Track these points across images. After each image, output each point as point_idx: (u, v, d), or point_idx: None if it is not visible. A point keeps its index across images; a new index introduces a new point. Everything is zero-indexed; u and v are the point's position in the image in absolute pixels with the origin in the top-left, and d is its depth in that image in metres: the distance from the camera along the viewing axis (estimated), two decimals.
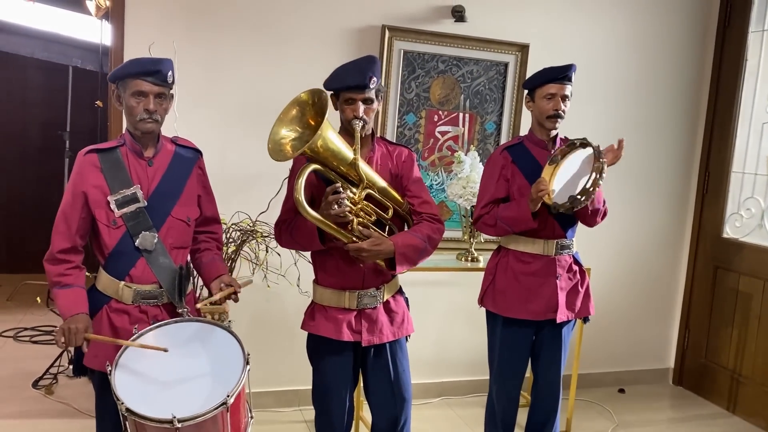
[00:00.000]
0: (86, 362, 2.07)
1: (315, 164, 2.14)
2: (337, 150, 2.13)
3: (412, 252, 2.29)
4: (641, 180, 4.19)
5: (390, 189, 2.33)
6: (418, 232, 2.33)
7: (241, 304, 3.41)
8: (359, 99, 2.23)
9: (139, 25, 3.15)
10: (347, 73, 2.29)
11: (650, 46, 4.09)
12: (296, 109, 2.17)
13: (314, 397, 2.46)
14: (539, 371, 2.84)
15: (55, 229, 2.05)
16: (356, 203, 2.20)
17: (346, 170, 2.19)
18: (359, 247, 2.19)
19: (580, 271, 2.82)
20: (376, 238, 2.22)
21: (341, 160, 2.15)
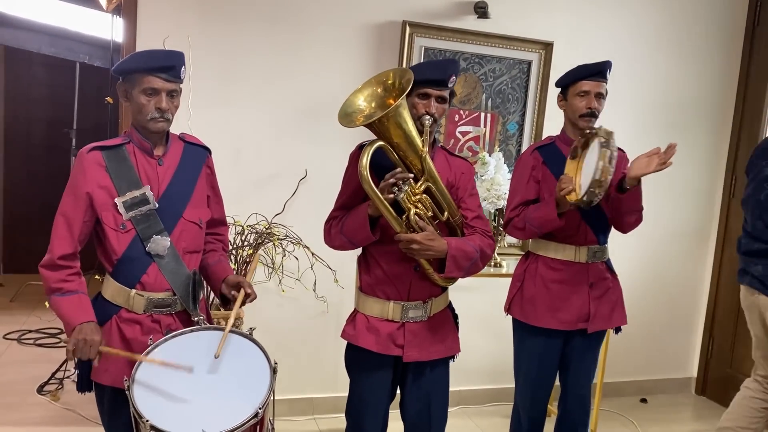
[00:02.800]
0: (95, 377, 1.92)
1: (382, 143, 2.04)
2: (408, 132, 2.05)
3: (464, 259, 2.16)
4: (666, 183, 4.05)
5: (448, 194, 2.22)
6: (471, 242, 2.21)
7: (253, 310, 3.32)
8: (434, 95, 2.15)
9: (153, 19, 3.03)
10: (429, 67, 2.25)
11: (677, 45, 3.96)
12: (378, 87, 2.11)
13: (348, 409, 2.33)
14: (568, 383, 2.71)
15: (56, 233, 1.89)
16: (416, 193, 2.10)
17: (410, 159, 2.10)
18: (412, 238, 2.06)
19: (613, 279, 2.70)
20: (431, 233, 2.11)
21: (409, 145, 2.07)
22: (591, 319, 2.58)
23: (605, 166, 2.30)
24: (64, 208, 1.90)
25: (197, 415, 1.71)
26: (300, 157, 3.32)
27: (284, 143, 3.31)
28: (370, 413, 2.27)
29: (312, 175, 3.33)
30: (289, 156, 3.32)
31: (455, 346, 2.36)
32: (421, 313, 2.23)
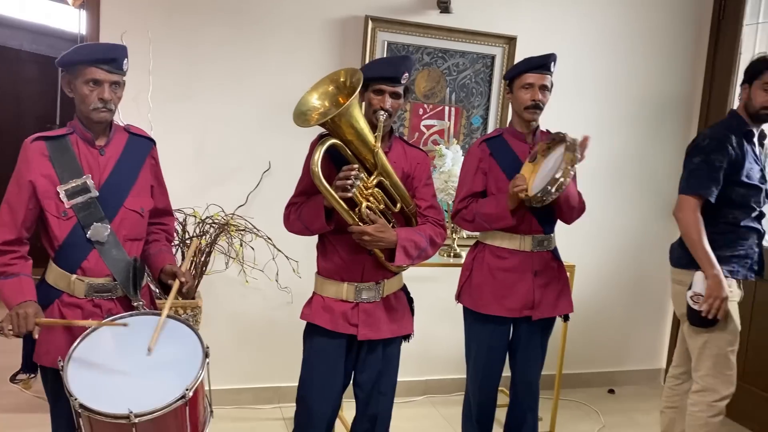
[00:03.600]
0: (36, 359, 2.00)
1: (335, 140, 2.14)
2: (359, 130, 2.14)
3: (413, 248, 2.27)
4: (633, 176, 4.11)
5: (401, 186, 2.32)
6: (421, 231, 2.32)
7: (218, 300, 3.40)
8: (388, 91, 2.25)
9: (115, 13, 3.10)
10: (382, 64, 2.36)
11: (643, 39, 4.00)
12: (330, 85, 2.19)
13: (299, 387, 2.40)
14: (516, 369, 2.77)
15: (0, 220, 1.96)
16: (368, 188, 2.20)
17: (364, 154, 2.20)
18: (363, 230, 2.17)
19: (560, 267, 2.75)
20: (382, 225, 2.21)
21: (361, 142, 2.16)
22: (536, 306, 2.64)
23: (567, 169, 2.39)
24: (8, 196, 1.98)
25: (127, 395, 1.77)
26: (264, 150, 3.39)
27: (248, 136, 3.37)
28: (319, 392, 2.34)
29: (275, 168, 3.40)
30: (253, 149, 3.38)
31: (408, 326, 2.46)
32: (374, 294, 2.33)
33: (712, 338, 2.74)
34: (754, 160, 2.77)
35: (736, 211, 2.74)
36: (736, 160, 2.70)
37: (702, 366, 2.79)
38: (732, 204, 2.74)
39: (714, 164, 2.69)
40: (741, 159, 2.71)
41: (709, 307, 2.64)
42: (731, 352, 2.75)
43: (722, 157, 2.69)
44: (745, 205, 2.75)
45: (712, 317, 2.65)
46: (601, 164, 3.97)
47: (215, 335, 3.41)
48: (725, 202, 2.73)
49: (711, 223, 2.74)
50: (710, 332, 2.73)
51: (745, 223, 2.75)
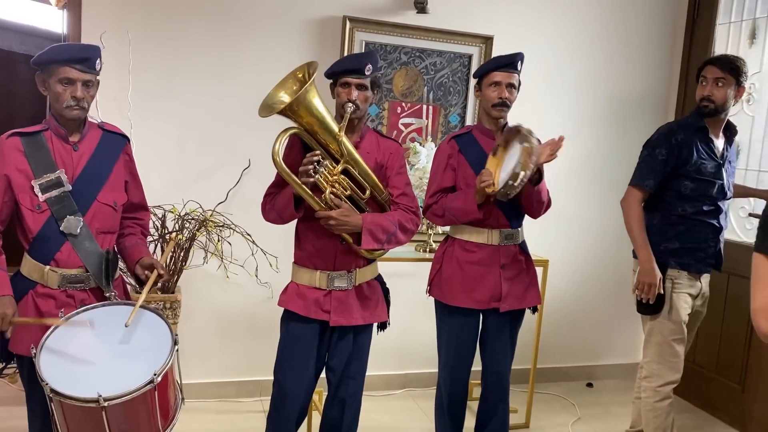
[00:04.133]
0: (12, 348, 2.07)
1: (297, 129, 2.25)
2: (321, 117, 2.25)
3: (380, 232, 2.36)
4: (609, 173, 4.17)
5: (371, 174, 2.41)
6: (390, 216, 2.42)
7: (200, 295, 3.47)
8: (354, 83, 2.35)
9: (95, 14, 3.17)
10: (346, 59, 2.48)
11: (619, 38, 4.07)
12: (291, 80, 2.30)
13: (274, 370, 2.49)
14: (486, 361, 2.84)
15: None
16: (333, 174, 2.30)
17: (329, 143, 2.30)
18: (328, 215, 2.28)
19: (527, 260, 2.82)
20: (346, 209, 2.31)
21: (325, 130, 2.27)
22: (503, 298, 2.71)
23: (525, 161, 2.45)
24: None
25: (97, 381, 1.83)
26: (244, 147, 3.45)
27: (228, 134, 3.44)
28: (292, 374, 2.43)
29: (255, 166, 3.46)
30: (233, 147, 3.45)
31: (382, 314, 2.56)
32: (347, 282, 2.43)
33: (656, 326, 2.88)
34: (708, 155, 2.83)
35: (687, 204, 2.83)
36: (680, 153, 2.80)
37: (648, 353, 2.94)
38: (682, 197, 2.83)
39: (657, 157, 2.82)
40: (688, 153, 2.80)
41: (639, 291, 2.80)
42: (675, 341, 2.86)
43: (665, 150, 2.81)
44: (695, 199, 2.82)
45: (645, 301, 2.79)
46: (578, 161, 4.05)
47: (197, 329, 3.50)
48: (676, 195, 2.84)
49: (664, 215, 2.87)
50: (654, 320, 2.86)
51: (697, 216, 2.83)
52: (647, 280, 2.79)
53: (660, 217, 2.89)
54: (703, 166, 2.80)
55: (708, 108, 2.80)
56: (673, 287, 2.85)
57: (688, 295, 2.87)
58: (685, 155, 2.80)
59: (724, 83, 2.76)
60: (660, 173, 2.82)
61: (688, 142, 2.81)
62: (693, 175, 2.80)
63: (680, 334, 2.86)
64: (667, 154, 2.81)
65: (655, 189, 2.85)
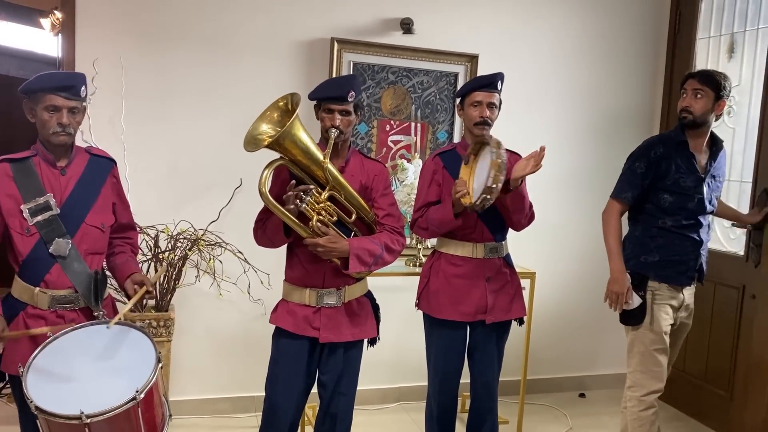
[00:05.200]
0: (4, 368, 2.13)
1: (283, 160, 2.32)
2: (305, 147, 2.31)
3: (367, 255, 2.41)
4: (594, 187, 4.23)
5: (357, 197, 2.47)
6: (376, 239, 2.47)
7: (194, 313, 3.54)
8: (337, 110, 2.41)
9: (89, 40, 3.25)
10: (329, 85, 2.52)
11: (602, 54, 4.17)
12: (274, 111, 2.37)
13: (265, 384, 2.54)
14: (475, 372, 2.89)
15: None
16: (319, 202, 2.35)
17: (315, 171, 2.36)
18: (315, 242, 2.34)
19: (512, 273, 2.88)
20: (333, 236, 2.37)
21: (311, 159, 2.33)
22: (489, 310, 2.77)
23: (496, 174, 2.52)
24: None
25: (81, 398, 1.88)
26: (235, 167, 3.52)
27: (220, 155, 3.52)
28: (283, 389, 2.48)
29: (247, 185, 3.53)
30: (225, 166, 3.53)
31: (371, 330, 2.61)
32: (336, 299, 2.49)
33: (638, 336, 2.92)
34: (688, 169, 2.86)
35: (667, 217, 2.88)
36: (659, 167, 2.85)
37: (631, 363, 2.97)
38: (662, 210, 2.88)
39: (636, 171, 2.88)
40: (666, 167, 2.85)
41: (609, 300, 2.89)
42: (657, 351, 2.89)
43: (642, 164, 2.87)
44: (675, 213, 2.87)
45: (614, 309, 2.89)
46: (563, 175, 4.13)
47: (191, 346, 3.56)
48: (656, 208, 2.90)
49: (644, 227, 2.93)
50: (636, 330, 2.91)
51: (677, 230, 2.87)
52: (614, 289, 2.87)
53: (641, 229, 2.94)
54: (682, 180, 2.84)
55: (687, 119, 2.84)
56: (654, 299, 2.89)
57: (669, 307, 2.91)
58: (663, 168, 2.85)
59: (703, 95, 2.80)
60: (638, 186, 2.88)
61: (667, 156, 2.85)
62: (671, 188, 2.85)
63: (661, 344, 2.90)
64: (645, 167, 2.87)
65: (633, 201, 2.90)
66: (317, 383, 2.58)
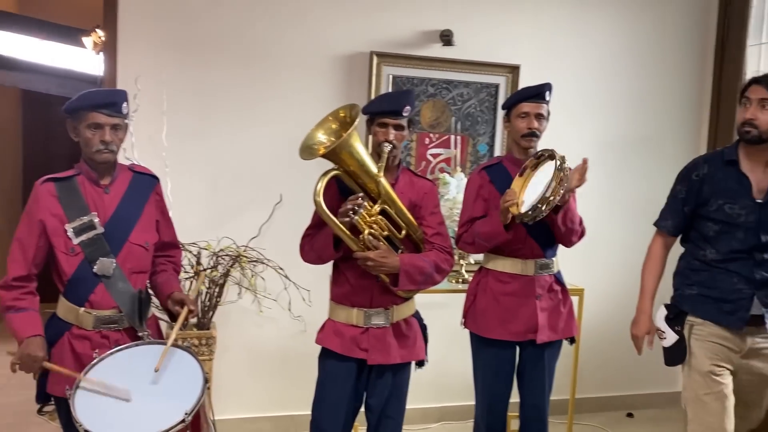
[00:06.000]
0: (49, 389, 2.11)
1: (338, 171, 2.27)
2: (361, 160, 2.27)
3: (417, 273, 2.35)
4: (641, 199, 4.12)
5: (407, 213, 2.41)
6: (426, 257, 2.40)
7: (234, 330, 3.49)
8: (391, 124, 2.37)
9: (130, 58, 3.27)
10: (384, 100, 2.53)
11: (647, 61, 4.06)
12: (333, 122, 2.33)
13: (312, 407, 2.48)
14: (524, 393, 2.79)
15: (11, 256, 2.08)
16: (371, 215, 2.30)
17: (367, 184, 2.31)
18: (366, 256, 2.28)
19: (563, 291, 2.78)
20: (384, 251, 2.31)
21: (365, 172, 2.29)
22: (539, 329, 2.67)
23: (556, 187, 2.44)
24: (19, 234, 2.10)
25: (130, 421, 1.86)
26: (275, 183, 3.50)
27: (259, 170, 3.49)
28: (329, 413, 2.41)
29: (287, 200, 3.50)
30: (265, 182, 3.50)
31: (420, 352, 2.52)
32: (384, 320, 2.41)
33: (686, 380, 2.52)
34: (737, 194, 2.42)
35: (709, 248, 2.48)
36: (701, 191, 2.48)
37: (687, 412, 2.51)
38: (706, 240, 2.49)
39: (677, 196, 2.58)
40: (709, 191, 2.46)
41: None
42: (708, 396, 2.40)
43: (683, 188, 2.55)
44: (719, 244, 2.45)
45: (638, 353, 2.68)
46: (608, 189, 4.02)
47: (232, 365, 3.51)
48: (700, 237, 2.53)
49: (688, 259, 2.60)
50: (684, 372, 2.54)
51: (721, 264, 2.45)
52: (632, 331, 2.68)
53: (686, 259, 2.61)
54: (728, 207, 2.42)
55: (750, 134, 2.36)
56: (692, 332, 2.49)
57: (718, 346, 2.43)
58: (706, 193, 2.46)
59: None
60: (679, 213, 2.56)
61: (711, 178, 2.46)
62: (715, 216, 2.44)
63: (710, 388, 2.40)
64: (686, 191, 2.53)
65: (676, 231, 2.60)
66: (364, 406, 2.50)
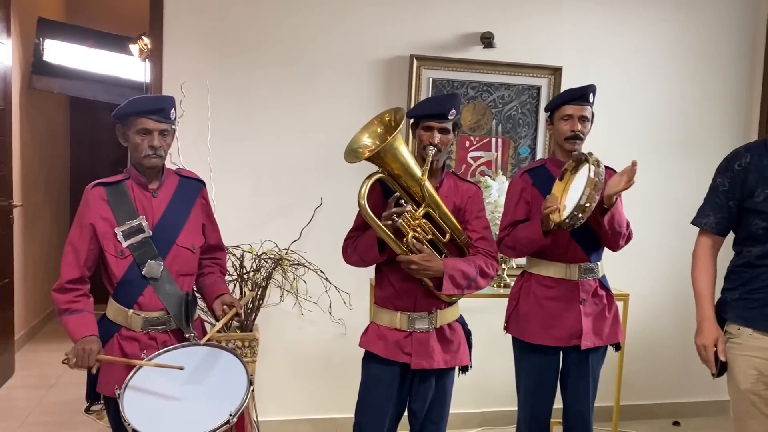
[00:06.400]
0: (99, 389, 2.16)
1: (382, 174, 2.27)
2: (405, 163, 2.27)
3: (461, 277, 2.32)
4: (688, 202, 4.00)
5: (451, 217, 2.39)
6: (471, 262, 2.38)
7: (276, 333, 3.53)
8: (436, 127, 2.35)
9: (176, 64, 3.33)
10: (429, 103, 2.48)
11: (695, 63, 3.96)
12: (378, 125, 2.33)
13: (355, 412, 2.47)
14: (567, 400, 2.75)
15: (64, 260, 2.14)
16: (415, 219, 2.29)
17: (412, 187, 2.31)
18: (410, 259, 2.26)
19: (608, 296, 2.73)
20: (428, 254, 2.30)
21: (409, 175, 2.28)
22: (584, 335, 2.63)
23: (591, 193, 2.40)
24: (71, 238, 2.15)
25: (176, 421, 1.89)
26: (316, 187, 3.52)
27: (300, 174, 3.52)
28: (372, 416, 2.41)
29: (327, 204, 3.52)
30: (306, 186, 3.52)
31: (464, 358, 2.50)
32: (427, 324, 2.39)
33: (731, 397, 2.30)
34: None
35: (756, 247, 2.22)
36: (746, 181, 2.22)
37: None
38: (752, 237, 2.23)
39: (717, 188, 2.30)
40: (754, 181, 2.20)
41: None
42: (746, 415, 2.20)
43: (725, 179, 2.27)
44: (766, 240, 2.20)
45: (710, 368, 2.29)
46: (655, 193, 3.93)
47: (273, 367, 3.55)
48: (747, 234, 2.26)
49: (734, 259, 2.34)
50: (729, 387, 2.30)
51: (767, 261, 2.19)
52: (697, 341, 2.29)
53: (733, 261, 2.34)
54: None
55: None
56: (730, 347, 2.24)
57: (758, 360, 2.17)
58: (751, 183, 2.20)
59: None
60: (723, 208, 2.26)
61: (755, 166, 2.20)
62: (761, 207, 2.17)
63: (751, 407, 2.18)
64: (729, 183, 2.25)
65: (719, 228, 2.29)
66: (407, 410, 2.49)
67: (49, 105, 5.57)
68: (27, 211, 4.96)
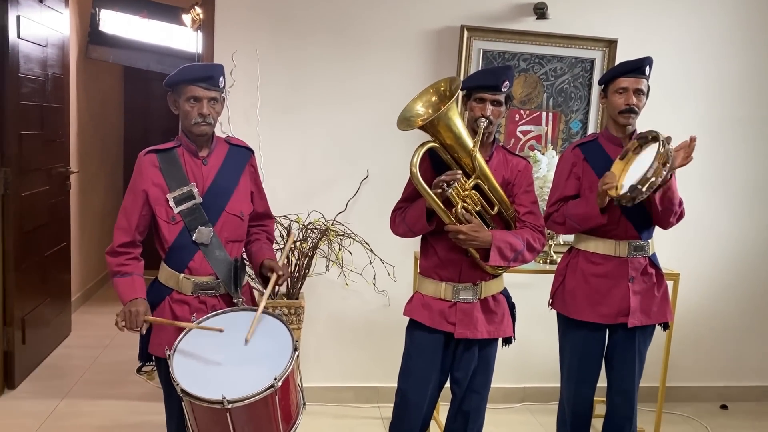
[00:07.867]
0: (151, 350, 2.23)
1: (434, 143, 2.26)
2: (458, 133, 2.26)
3: (509, 249, 2.32)
4: (745, 181, 3.89)
5: (500, 190, 2.38)
6: (518, 234, 2.37)
7: (321, 302, 3.58)
8: (489, 99, 2.33)
9: (227, 35, 3.35)
10: (483, 74, 2.47)
11: (757, 39, 3.79)
12: (432, 94, 2.32)
13: (398, 379, 2.50)
14: (612, 378, 2.72)
15: (117, 224, 2.20)
16: (465, 189, 2.29)
17: (462, 158, 2.30)
18: (458, 229, 2.26)
19: (657, 274, 2.67)
20: (476, 225, 2.29)
21: (460, 146, 2.27)
22: (631, 313, 2.59)
23: (658, 167, 2.35)
24: (124, 203, 2.22)
25: (223, 383, 1.93)
26: (362, 158, 3.53)
27: (347, 145, 3.53)
28: (416, 383, 2.43)
29: (373, 176, 3.53)
30: (352, 157, 3.53)
31: (507, 329, 2.50)
32: (472, 295, 2.39)
33: None
34: None
35: None
36: None
37: None
38: None
39: None
40: None
41: None
42: None
43: None
44: None
45: None
46: (710, 171, 3.81)
47: (318, 335, 3.61)
48: None
49: None
50: None
51: None
52: None
53: None
54: None
55: None
56: None
57: None
58: None
59: None
60: None
61: None
62: None
63: None
64: None
65: None
66: (450, 379, 2.50)
67: (104, 74, 5.70)
68: (83, 178, 5.12)
